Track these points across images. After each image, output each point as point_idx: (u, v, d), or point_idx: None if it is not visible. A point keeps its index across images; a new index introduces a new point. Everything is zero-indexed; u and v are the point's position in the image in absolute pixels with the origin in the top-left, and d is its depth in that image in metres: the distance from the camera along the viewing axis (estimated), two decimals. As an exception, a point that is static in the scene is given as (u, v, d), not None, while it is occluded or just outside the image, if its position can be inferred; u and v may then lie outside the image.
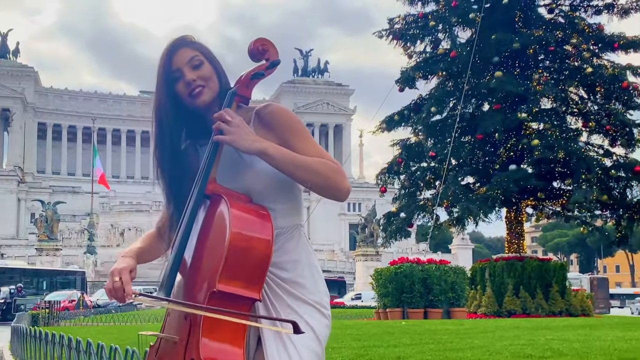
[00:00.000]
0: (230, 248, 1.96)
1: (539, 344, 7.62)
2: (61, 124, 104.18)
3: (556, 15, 25.27)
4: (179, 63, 2.18)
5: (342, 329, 11.52)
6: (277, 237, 2.13)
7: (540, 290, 22.23)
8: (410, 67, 25.30)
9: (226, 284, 1.95)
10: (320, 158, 2.09)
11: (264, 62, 2.19)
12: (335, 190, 2.09)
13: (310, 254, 2.22)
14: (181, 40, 2.22)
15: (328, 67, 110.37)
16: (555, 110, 24.91)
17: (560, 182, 24.61)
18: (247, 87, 2.19)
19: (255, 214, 2.06)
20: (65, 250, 57.51)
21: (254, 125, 2.16)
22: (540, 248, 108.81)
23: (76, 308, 28.09)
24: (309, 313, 2.11)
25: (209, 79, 2.19)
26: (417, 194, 25.69)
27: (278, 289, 2.12)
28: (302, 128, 2.17)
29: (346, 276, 68.99)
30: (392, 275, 18.70)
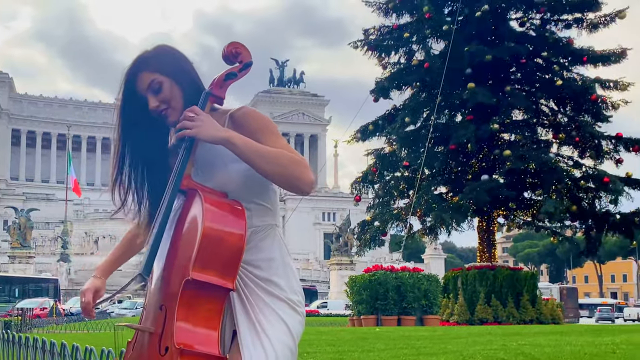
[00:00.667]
0: (204, 238, 2.01)
1: (511, 349, 7.79)
2: (35, 130, 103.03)
3: (527, 29, 25.75)
4: (142, 90, 2.24)
5: (316, 335, 11.62)
6: (252, 236, 2.20)
7: (512, 299, 22.51)
8: (385, 77, 25.56)
9: (200, 273, 2.00)
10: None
11: (237, 64, 2.26)
12: (297, 181, 2.12)
13: (285, 253, 2.27)
14: (138, 64, 2.25)
15: (304, 77, 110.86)
16: (527, 122, 25.38)
17: (531, 193, 24.99)
18: (220, 88, 2.25)
19: (228, 206, 2.11)
20: (38, 258, 56.75)
21: (228, 127, 2.20)
22: (511, 258, 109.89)
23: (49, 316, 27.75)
24: (283, 309, 2.16)
25: (171, 99, 2.23)
26: (391, 203, 25.90)
27: (254, 286, 2.17)
28: (271, 126, 2.23)
29: (320, 285, 69.00)
30: (367, 282, 18.85)
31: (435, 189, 25.50)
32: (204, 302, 2.03)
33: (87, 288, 2.35)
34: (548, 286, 45.77)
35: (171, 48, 2.32)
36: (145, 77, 2.24)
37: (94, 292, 2.35)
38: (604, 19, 24.78)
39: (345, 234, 52.47)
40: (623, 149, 24.10)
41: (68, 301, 42.90)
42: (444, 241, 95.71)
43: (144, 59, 2.26)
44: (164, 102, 2.23)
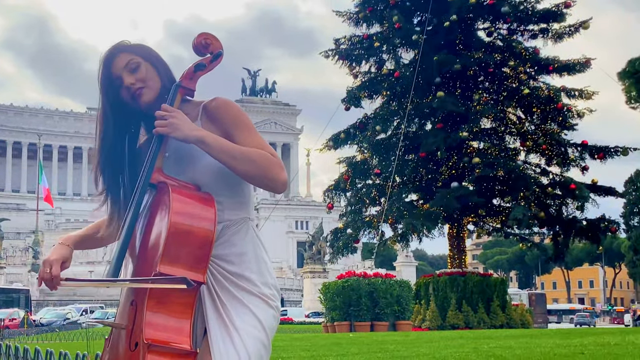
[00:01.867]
0: (171, 231, 1.98)
1: (482, 351, 7.96)
2: (6, 140, 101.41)
3: (494, 39, 26.20)
4: (117, 70, 2.23)
5: (290, 341, 11.71)
6: (224, 230, 2.18)
7: (482, 304, 22.78)
8: (356, 86, 25.81)
9: (168, 266, 1.97)
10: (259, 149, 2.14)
11: (208, 55, 2.24)
12: (270, 180, 2.12)
13: (259, 247, 2.24)
14: (117, 48, 2.27)
15: (276, 87, 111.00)
16: (495, 130, 25.80)
17: (500, 200, 25.34)
18: (190, 80, 2.23)
19: (197, 198, 2.09)
20: (9, 269, 55.89)
21: (202, 119, 2.21)
22: (481, 265, 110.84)
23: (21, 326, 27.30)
24: (255, 303, 2.14)
25: (148, 79, 2.23)
26: (363, 210, 26.08)
27: (225, 281, 2.15)
28: (246, 120, 2.21)
29: (294, 293, 68.88)
30: (340, 289, 18.95)
31: (406, 196, 25.77)
32: (174, 296, 1.99)
33: (54, 258, 2.18)
34: (517, 292, 46.27)
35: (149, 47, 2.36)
36: (123, 56, 2.25)
37: (61, 263, 2.18)
38: (568, 30, 25.35)
39: (318, 242, 52.54)
40: (588, 157, 24.63)
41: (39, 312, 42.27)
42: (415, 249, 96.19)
43: (122, 44, 2.29)
44: (140, 81, 2.23)
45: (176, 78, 2.28)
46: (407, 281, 21.23)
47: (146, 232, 2.13)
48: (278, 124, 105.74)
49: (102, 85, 2.25)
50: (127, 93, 2.23)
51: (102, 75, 2.25)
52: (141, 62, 2.24)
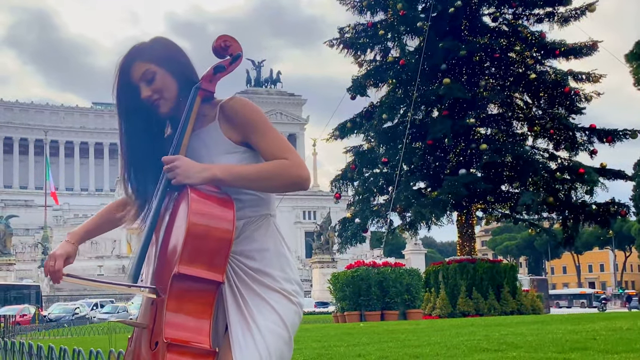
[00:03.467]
0: (189, 231, 2.01)
1: (493, 339, 7.94)
2: (12, 136, 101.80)
3: (500, 24, 25.99)
4: (135, 80, 2.25)
5: (301, 332, 11.70)
6: (245, 226, 2.21)
7: (492, 291, 22.74)
8: (361, 75, 25.67)
9: (187, 267, 2.00)
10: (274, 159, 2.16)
11: (227, 57, 2.26)
12: (292, 185, 2.16)
13: (280, 243, 2.25)
14: (132, 55, 2.27)
15: (280, 77, 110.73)
16: (502, 116, 25.64)
17: (509, 186, 25.25)
18: (210, 82, 2.25)
19: (215, 199, 2.10)
20: (19, 265, 56.13)
21: (219, 119, 2.23)
22: (490, 251, 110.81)
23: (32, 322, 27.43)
24: (276, 299, 2.14)
25: (163, 89, 2.24)
26: (371, 199, 26.02)
27: (246, 277, 2.16)
28: (262, 121, 2.21)
29: (303, 283, 69.04)
30: (349, 278, 18.94)
31: (414, 184, 25.65)
32: (193, 295, 2.02)
33: (59, 253, 2.27)
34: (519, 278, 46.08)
35: (167, 40, 2.34)
36: (138, 66, 2.25)
37: (65, 258, 2.27)
38: (574, 13, 25.12)
39: (326, 232, 52.54)
40: (597, 140, 24.45)
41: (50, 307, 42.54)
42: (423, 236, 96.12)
43: (138, 49, 2.28)
44: (156, 92, 2.24)
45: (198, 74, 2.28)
46: (417, 269, 21.20)
47: (166, 233, 2.16)
48: (283, 114, 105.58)
49: (120, 93, 2.27)
50: (146, 102, 2.26)
51: (119, 83, 2.26)
52: (157, 72, 2.24)
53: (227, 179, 2.13)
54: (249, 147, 2.22)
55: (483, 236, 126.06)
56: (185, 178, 2.11)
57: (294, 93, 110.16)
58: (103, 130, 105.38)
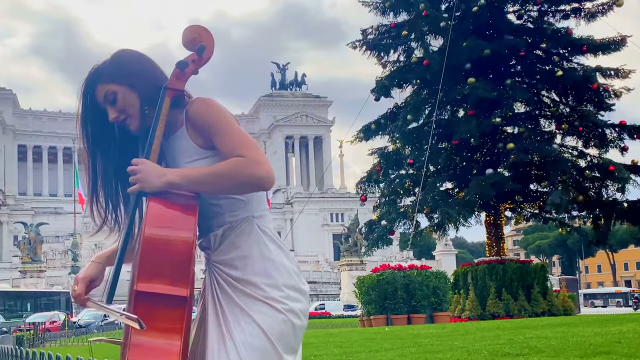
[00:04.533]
0: (145, 245, 1.89)
1: (517, 343, 7.81)
2: (41, 145, 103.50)
3: (525, 21, 25.67)
4: (101, 102, 2.21)
5: (325, 337, 11.65)
6: (226, 233, 2.13)
7: (522, 291, 22.45)
8: (385, 76, 25.57)
9: (146, 284, 1.88)
10: (231, 158, 2.05)
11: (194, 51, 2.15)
12: (249, 186, 2.05)
13: (265, 247, 2.14)
14: (92, 77, 2.23)
15: (305, 79, 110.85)
16: (529, 114, 25.31)
17: (537, 185, 24.93)
18: (177, 79, 2.14)
19: (176, 207, 1.98)
20: (49, 272, 56.99)
21: (186, 125, 2.15)
22: (523, 251, 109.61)
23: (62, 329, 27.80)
24: (258, 310, 2.05)
25: (126, 106, 2.19)
26: (397, 201, 25.88)
27: (228, 287, 2.09)
28: (222, 121, 2.11)
29: (331, 286, 68.97)
30: (375, 282, 18.83)
31: (440, 185, 25.47)
32: (160, 313, 1.89)
33: (82, 277, 2.19)
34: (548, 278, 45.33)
35: (126, 52, 2.28)
36: (100, 89, 2.21)
37: (89, 281, 2.18)
38: (601, 8, 24.70)
39: (354, 234, 52.42)
40: (627, 137, 24.01)
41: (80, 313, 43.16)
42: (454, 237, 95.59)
43: (97, 71, 2.23)
44: (121, 112, 2.19)
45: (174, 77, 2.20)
46: (444, 272, 21.00)
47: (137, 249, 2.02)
48: (309, 117, 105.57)
49: (86, 118, 2.23)
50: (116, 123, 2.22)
51: (85, 108, 2.23)
52: (117, 91, 2.19)
53: (183, 183, 2.03)
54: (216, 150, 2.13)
55: (515, 235, 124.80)
56: (145, 184, 2.03)
57: (319, 95, 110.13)
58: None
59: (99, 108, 2.21)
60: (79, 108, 2.24)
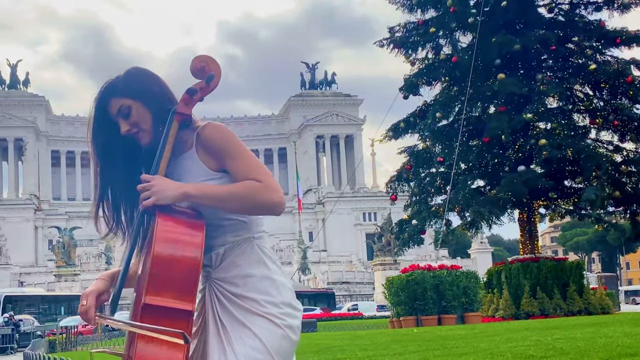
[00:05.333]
0: (154, 260, 2.00)
1: (543, 344, 7.63)
2: (74, 150, 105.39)
3: (556, 15, 25.22)
4: (113, 115, 2.29)
5: (352, 340, 11.57)
6: (227, 252, 2.23)
7: (558, 290, 22.07)
8: (413, 74, 25.39)
9: (154, 297, 1.99)
10: (246, 180, 2.16)
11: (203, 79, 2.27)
12: (261, 209, 2.17)
13: (265, 266, 2.24)
14: (107, 91, 2.31)
15: (335, 78, 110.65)
16: (562, 109, 24.83)
17: (572, 181, 24.51)
18: (186, 105, 2.25)
19: (184, 224, 2.09)
20: (83, 275, 57.95)
21: (196, 147, 2.26)
22: (561, 247, 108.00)
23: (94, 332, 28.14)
24: (259, 324, 2.15)
25: (140, 121, 2.28)
26: (428, 200, 25.66)
27: (228, 303, 2.18)
28: (235, 146, 2.22)
29: (365, 286, 68.74)
30: (404, 283, 18.67)
31: (472, 183, 25.17)
32: (165, 325, 1.98)
33: (90, 291, 2.26)
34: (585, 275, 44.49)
35: (141, 71, 2.36)
36: (114, 103, 2.29)
37: (97, 296, 2.25)
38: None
39: (387, 234, 52.21)
40: (665, 130, 23.44)
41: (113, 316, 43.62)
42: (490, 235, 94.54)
43: (111, 85, 2.31)
44: (134, 126, 2.27)
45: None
46: (474, 272, 20.74)
47: (144, 263, 2.15)
48: (340, 116, 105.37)
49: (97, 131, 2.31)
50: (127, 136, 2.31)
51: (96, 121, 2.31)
52: (131, 105, 2.28)
53: (199, 195, 2.13)
54: (227, 172, 2.24)
55: (552, 232, 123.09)
56: (160, 195, 2.12)
57: (350, 94, 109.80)
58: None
59: (111, 121, 2.29)
60: (92, 119, 2.32)
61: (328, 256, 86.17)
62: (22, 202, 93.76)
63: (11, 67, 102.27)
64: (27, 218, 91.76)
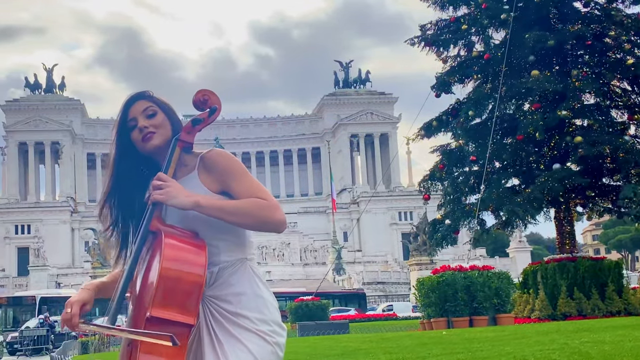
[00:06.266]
0: (162, 276, 2.14)
1: (569, 348, 7.46)
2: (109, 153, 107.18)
3: (592, 9, 24.74)
4: (135, 113, 2.47)
5: (378, 342, 11.47)
6: (221, 272, 2.35)
7: (596, 290, 21.57)
8: (445, 72, 25.15)
9: (160, 310, 2.13)
10: (251, 197, 2.30)
11: (206, 110, 2.44)
12: (265, 224, 2.28)
13: (257, 285, 2.37)
14: (139, 94, 2.51)
15: (369, 76, 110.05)
16: (599, 105, 24.35)
17: (609, 178, 24.02)
18: (188, 134, 2.41)
19: (189, 245, 2.24)
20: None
21: (199, 170, 2.41)
22: (602, 246, 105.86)
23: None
24: (251, 340, 2.27)
25: (161, 127, 2.45)
26: (462, 199, 25.38)
27: (222, 319, 2.30)
28: (238, 168, 2.38)
29: (400, 287, 68.32)
30: (434, 284, 18.47)
31: (506, 181, 24.83)
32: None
33: (75, 300, 2.38)
34: (626, 275, 43.40)
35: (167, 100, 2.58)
36: (142, 103, 2.49)
37: (81, 305, 2.38)
38: (675, -9, 23.50)
39: (422, 233, 51.79)
40: None
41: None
42: (529, 233, 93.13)
43: (145, 92, 2.53)
44: (154, 127, 2.45)
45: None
46: (506, 272, 20.40)
47: (144, 277, 2.29)
48: (374, 114, 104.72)
49: (119, 128, 2.52)
50: (138, 134, 2.47)
51: (120, 118, 2.52)
52: (158, 111, 2.47)
53: (207, 206, 2.27)
54: (227, 195, 2.37)
55: (594, 230, 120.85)
56: (172, 198, 2.27)
57: (384, 92, 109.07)
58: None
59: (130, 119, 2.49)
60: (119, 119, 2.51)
61: (363, 256, 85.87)
62: (58, 205, 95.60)
63: (47, 71, 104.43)
64: (64, 220, 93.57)
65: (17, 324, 38.46)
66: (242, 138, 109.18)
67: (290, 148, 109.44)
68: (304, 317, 29.70)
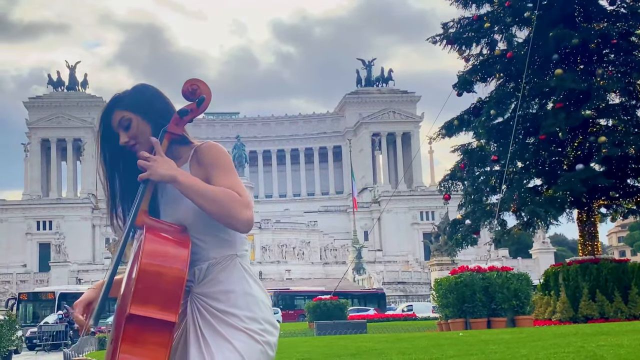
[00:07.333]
0: (140, 272, 2.09)
1: (584, 351, 7.30)
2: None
3: (618, 7, 24.33)
4: (115, 126, 2.45)
5: (393, 342, 11.36)
6: (210, 268, 2.30)
7: (619, 293, 21.24)
8: (467, 70, 24.88)
9: (139, 308, 2.07)
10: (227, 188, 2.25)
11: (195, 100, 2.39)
12: (232, 219, 2.22)
13: (247, 283, 2.32)
14: (110, 105, 2.48)
15: (392, 75, 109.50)
16: (623, 105, 23.96)
17: (634, 179, 23.63)
18: (177, 125, 2.38)
19: (171, 241, 2.19)
20: (140, 273, 59.16)
21: (191, 161, 2.38)
22: (628, 248, 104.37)
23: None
24: (239, 339, 2.22)
25: (138, 134, 2.41)
26: (483, 199, 25.13)
27: (210, 318, 2.25)
28: (224, 162, 2.36)
29: (421, 287, 67.96)
30: (452, 285, 18.29)
31: (527, 182, 24.53)
32: (148, 336, 2.08)
33: (80, 300, 2.41)
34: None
35: (145, 87, 2.52)
36: (117, 114, 2.44)
37: (86, 305, 2.40)
38: (703, -12, 23.01)
39: (444, 233, 51.42)
40: None
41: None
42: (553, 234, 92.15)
43: (117, 98, 2.48)
44: (133, 138, 2.41)
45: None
46: (525, 274, 20.13)
47: (128, 274, 2.25)
48: (397, 113, 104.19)
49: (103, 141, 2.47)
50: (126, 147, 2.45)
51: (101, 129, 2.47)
52: (132, 118, 2.42)
53: (184, 184, 2.23)
54: None
55: (619, 232, 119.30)
56: (153, 171, 2.24)
57: (407, 90, 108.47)
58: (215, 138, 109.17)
59: (113, 132, 2.45)
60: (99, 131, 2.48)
61: (384, 256, 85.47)
62: (80, 201, 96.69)
63: (70, 68, 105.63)
64: (85, 217, 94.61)
65: (36, 319, 38.86)
66: (263, 136, 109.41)
67: (312, 146, 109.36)
68: (322, 316, 29.64)
